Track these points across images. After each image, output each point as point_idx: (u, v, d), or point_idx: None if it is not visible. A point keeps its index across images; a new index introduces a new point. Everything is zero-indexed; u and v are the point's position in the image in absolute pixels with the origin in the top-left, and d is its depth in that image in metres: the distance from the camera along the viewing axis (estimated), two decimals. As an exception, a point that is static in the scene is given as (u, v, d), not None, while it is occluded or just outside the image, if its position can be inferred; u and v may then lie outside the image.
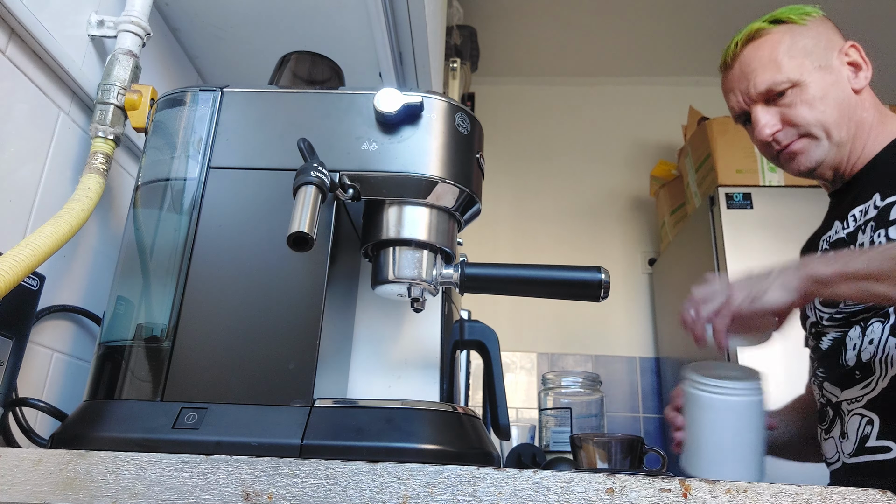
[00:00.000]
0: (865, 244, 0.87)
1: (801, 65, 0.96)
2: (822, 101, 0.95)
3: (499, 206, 2.65)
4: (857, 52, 0.99)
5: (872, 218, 0.88)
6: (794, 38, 0.98)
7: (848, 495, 0.43)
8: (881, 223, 0.85)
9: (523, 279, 0.69)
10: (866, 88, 0.98)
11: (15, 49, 0.71)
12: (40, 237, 0.60)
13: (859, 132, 0.96)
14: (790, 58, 0.97)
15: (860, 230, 0.89)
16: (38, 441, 0.70)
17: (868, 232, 0.87)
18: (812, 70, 0.96)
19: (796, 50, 0.97)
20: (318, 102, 0.68)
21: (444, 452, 0.54)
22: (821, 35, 0.99)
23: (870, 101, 0.98)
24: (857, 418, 0.88)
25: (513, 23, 2.60)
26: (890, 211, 0.84)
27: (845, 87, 0.96)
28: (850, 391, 0.89)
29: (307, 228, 0.54)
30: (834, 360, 0.92)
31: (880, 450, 0.83)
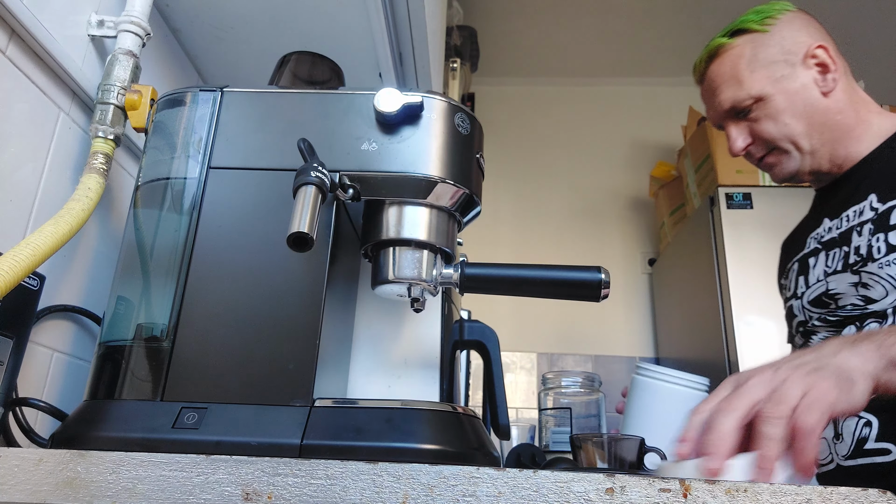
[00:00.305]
0: (861, 246, 0.86)
1: (763, 78, 0.95)
2: (788, 114, 0.94)
3: (499, 206, 2.65)
4: (825, 52, 0.95)
5: (870, 220, 0.87)
6: (756, 49, 0.97)
7: (848, 495, 0.43)
8: (881, 227, 0.84)
9: (523, 279, 0.69)
10: (840, 87, 0.95)
11: (15, 49, 0.71)
12: (40, 237, 0.60)
13: (837, 134, 0.94)
14: (751, 72, 0.95)
15: (855, 231, 0.88)
16: (38, 441, 0.70)
17: (865, 234, 0.86)
18: (775, 81, 0.95)
19: (757, 63, 0.96)
20: (318, 102, 0.68)
21: (444, 452, 0.54)
22: (785, 40, 0.96)
23: (845, 101, 0.95)
24: (853, 420, 0.87)
25: (513, 23, 2.60)
26: (890, 215, 0.84)
27: (812, 93, 0.94)
28: None
29: (307, 228, 0.54)
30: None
31: (879, 452, 0.83)
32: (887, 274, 0.82)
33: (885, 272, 0.82)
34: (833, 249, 0.91)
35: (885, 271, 0.82)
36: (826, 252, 0.93)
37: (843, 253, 0.90)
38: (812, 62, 0.95)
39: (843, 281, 0.89)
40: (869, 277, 0.85)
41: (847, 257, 0.89)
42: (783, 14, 0.98)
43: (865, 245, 0.85)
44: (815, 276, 0.94)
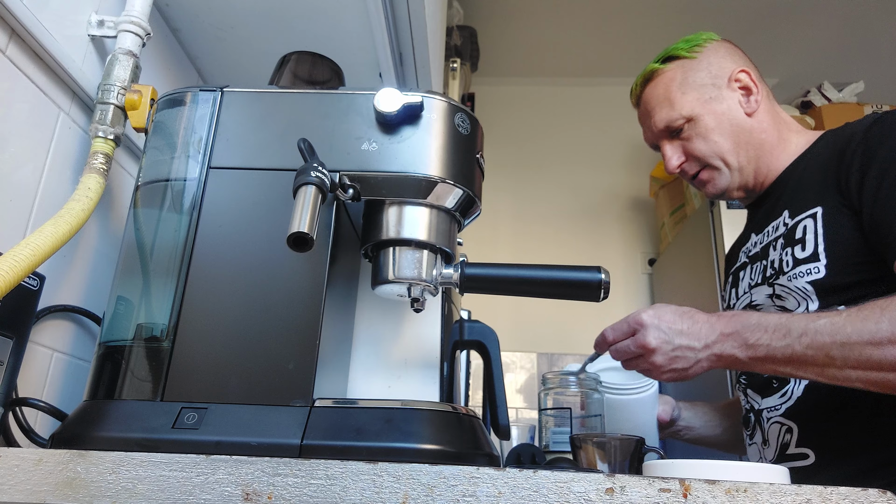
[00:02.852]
0: (775, 260, 0.92)
1: (693, 99, 1.01)
2: (716, 132, 1.00)
3: (499, 206, 2.65)
4: (748, 76, 1.01)
5: (782, 234, 0.92)
6: (686, 73, 1.03)
7: (848, 495, 0.43)
8: (789, 242, 0.90)
9: (523, 279, 0.69)
10: (763, 108, 1.01)
11: (15, 49, 0.71)
12: (40, 237, 0.60)
13: (761, 152, 1.00)
14: (682, 94, 1.02)
15: (771, 245, 0.94)
16: (38, 441, 0.70)
17: (778, 249, 0.92)
18: (704, 103, 1.01)
19: (687, 85, 1.03)
20: (318, 102, 0.68)
21: (443, 452, 0.54)
22: (711, 65, 1.03)
23: (768, 121, 1.01)
24: (776, 426, 0.91)
25: (513, 23, 2.60)
26: (795, 230, 0.90)
27: (738, 113, 1.00)
28: (770, 399, 0.92)
29: (307, 228, 0.54)
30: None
31: (799, 457, 0.87)
32: (795, 286, 0.88)
33: (794, 284, 0.88)
34: (756, 263, 0.98)
35: (794, 283, 0.88)
36: (751, 265, 0.99)
37: (762, 266, 0.96)
38: (736, 85, 1.02)
39: (762, 293, 0.95)
40: (781, 290, 0.90)
41: (765, 270, 0.95)
42: (709, 43, 1.05)
43: (778, 259, 0.91)
44: (742, 288, 1.01)
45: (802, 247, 0.87)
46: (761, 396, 0.94)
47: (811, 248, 0.86)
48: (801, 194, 0.92)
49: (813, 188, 0.90)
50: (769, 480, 0.50)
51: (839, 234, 0.84)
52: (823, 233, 0.86)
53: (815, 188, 0.90)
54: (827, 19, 2.43)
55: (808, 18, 2.43)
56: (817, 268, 0.85)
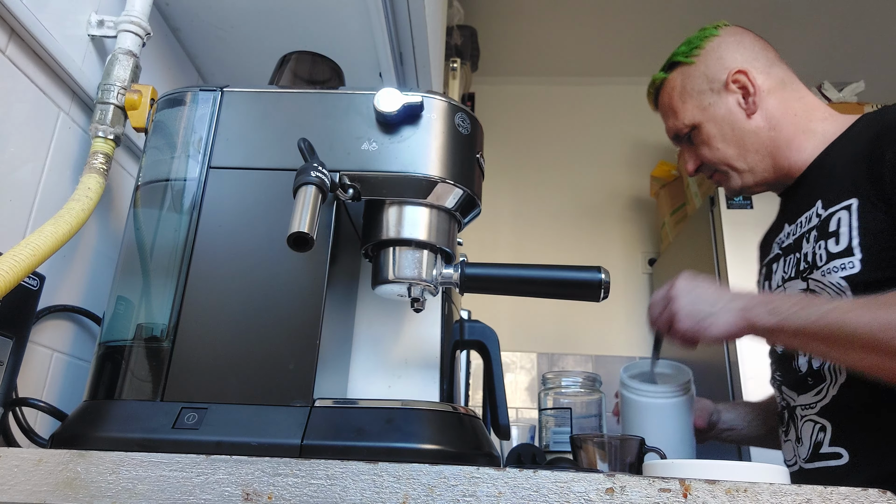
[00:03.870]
0: (809, 253, 0.89)
1: (693, 107, 1.02)
2: (719, 139, 1.00)
3: (499, 206, 2.65)
4: (745, 76, 0.99)
5: (815, 227, 0.89)
6: (685, 80, 1.04)
7: (848, 495, 0.43)
8: (823, 235, 0.87)
9: (523, 279, 0.69)
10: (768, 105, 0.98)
11: (15, 49, 0.71)
12: (40, 237, 0.60)
13: (773, 149, 0.98)
14: (683, 102, 1.03)
15: (804, 238, 0.91)
16: (38, 441, 0.70)
17: (811, 241, 0.89)
18: (703, 110, 1.01)
19: (687, 94, 1.03)
20: (318, 102, 0.68)
21: (444, 452, 0.54)
22: (709, 68, 1.02)
23: (778, 116, 0.98)
24: (810, 424, 0.89)
25: (513, 23, 2.60)
26: (829, 223, 0.86)
27: (738, 116, 0.99)
28: (804, 397, 0.90)
29: (307, 228, 0.53)
30: (788, 364, 0.94)
31: (832, 456, 0.85)
32: (829, 281, 0.85)
33: (828, 280, 0.85)
34: (789, 255, 0.95)
35: (828, 279, 0.85)
36: (784, 258, 0.96)
37: (796, 259, 0.93)
38: (735, 86, 0.99)
39: (795, 287, 0.92)
40: (815, 284, 0.87)
41: (798, 264, 0.92)
42: (710, 41, 1.03)
43: (812, 252, 0.88)
44: (776, 281, 0.98)
45: (836, 240, 0.84)
46: (797, 393, 0.92)
47: (846, 242, 0.83)
48: (835, 184, 0.87)
49: (847, 178, 0.85)
50: (769, 480, 0.50)
51: (875, 227, 0.80)
52: (858, 226, 0.82)
53: (849, 178, 0.85)
54: (827, 19, 2.42)
55: (808, 18, 2.43)
56: (852, 262, 0.81)
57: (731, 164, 1.00)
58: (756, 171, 1.00)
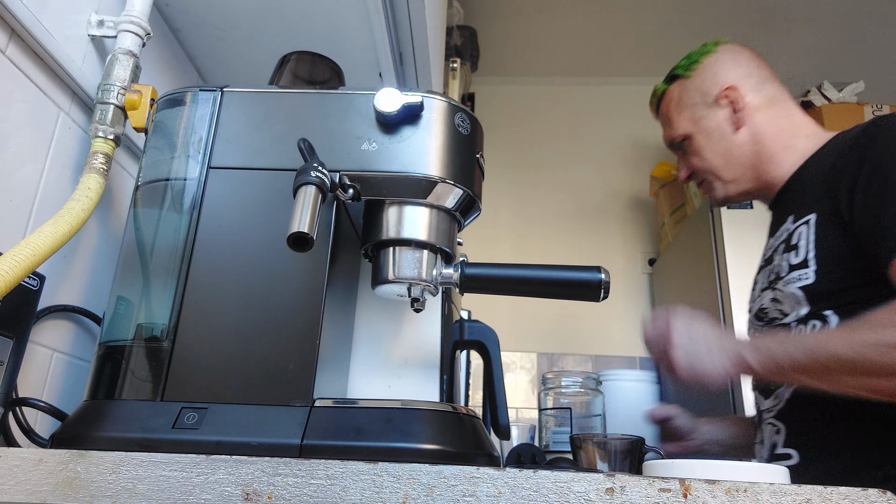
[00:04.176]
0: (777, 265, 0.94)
1: (686, 119, 1.09)
2: (707, 150, 1.07)
3: (499, 206, 2.65)
4: (735, 92, 1.04)
5: (784, 240, 0.94)
6: (682, 93, 1.10)
7: (848, 495, 0.43)
8: (787, 247, 0.92)
9: (523, 279, 0.69)
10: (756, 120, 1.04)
11: (15, 49, 0.71)
12: (40, 237, 0.60)
13: (757, 161, 1.03)
14: (678, 113, 1.10)
15: (776, 251, 0.96)
16: (38, 441, 0.70)
17: (780, 253, 0.94)
18: (695, 122, 1.07)
19: (683, 105, 1.10)
20: (318, 102, 0.68)
21: (444, 452, 0.54)
22: (704, 83, 1.08)
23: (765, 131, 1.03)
24: (770, 427, 0.94)
25: (513, 23, 2.60)
26: (792, 236, 0.91)
27: (726, 130, 1.05)
28: (768, 401, 0.96)
29: (307, 228, 0.53)
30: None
31: (784, 457, 0.90)
32: (789, 291, 0.90)
33: (788, 289, 0.90)
34: (767, 267, 1.00)
35: (787, 289, 0.90)
36: (763, 269, 1.02)
37: (769, 271, 0.98)
38: (724, 101, 1.05)
39: (767, 297, 0.97)
40: (779, 294, 0.92)
41: (769, 275, 0.97)
42: (707, 57, 1.09)
43: (778, 264, 0.94)
44: (757, 292, 1.04)
45: (796, 253, 0.90)
46: (764, 398, 0.97)
47: (803, 255, 0.88)
48: (803, 200, 0.92)
49: (812, 194, 0.91)
50: (769, 480, 0.50)
51: (829, 240, 0.85)
52: (815, 239, 0.87)
53: (813, 194, 0.90)
54: (827, 19, 2.42)
55: (808, 18, 2.43)
56: (807, 274, 0.87)
57: (717, 174, 1.06)
58: (740, 181, 1.05)
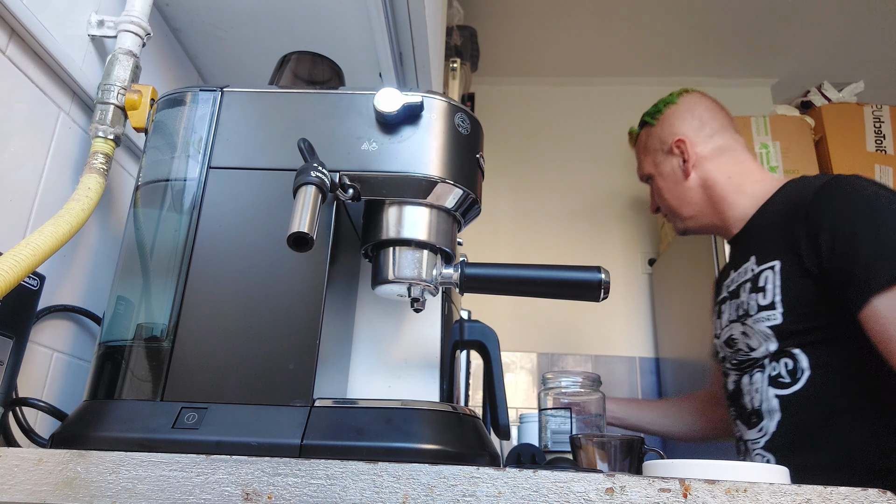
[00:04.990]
0: (744, 302, 1.05)
1: (650, 162, 1.25)
2: (665, 191, 1.22)
3: (499, 206, 2.65)
4: (684, 144, 1.20)
5: (749, 279, 1.05)
6: (648, 138, 1.26)
7: (848, 495, 0.43)
8: (754, 288, 1.03)
9: (523, 279, 0.69)
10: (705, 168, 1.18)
11: (15, 49, 0.71)
12: (40, 237, 0.60)
13: (708, 204, 1.18)
14: (645, 156, 1.27)
15: (742, 287, 1.07)
16: (38, 441, 0.70)
17: (747, 292, 1.05)
18: (657, 165, 1.23)
19: (647, 149, 1.26)
20: (318, 102, 0.68)
21: (443, 452, 0.54)
22: (663, 131, 1.23)
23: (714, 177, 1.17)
24: (759, 457, 1.00)
25: (513, 23, 2.60)
26: (759, 278, 1.02)
27: (679, 176, 1.20)
28: (751, 432, 1.03)
29: (307, 228, 0.53)
30: (738, 401, 1.07)
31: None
32: (758, 328, 1.00)
33: (757, 327, 1.01)
34: (733, 300, 1.10)
35: (757, 326, 1.01)
36: (730, 301, 1.11)
37: (736, 305, 1.08)
38: (676, 151, 1.20)
39: (736, 329, 1.07)
40: (748, 329, 1.03)
41: (738, 309, 1.07)
42: (669, 108, 1.24)
43: (746, 302, 1.04)
44: (724, 322, 1.13)
45: (764, 295, 1.00)
46: (746, 428, 1.04)
47: (770, 298, 0.99)
48: (764, 244, 1.04)
49: (773, 241, 1.01)
50: (769, 480, 0.50)
51: (794, 286, 0.96)
52: (780, 285, 0.98)
53: (774, 241, 1.01)
54: (827, 19, 2.42)
55: (808, 18, 2.43)
56: (775, 315, 0.98)
57: (674, 212, 1.23)
58: (696, 219, 1.20)
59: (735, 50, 2.64)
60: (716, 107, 1.23)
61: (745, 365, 1.04)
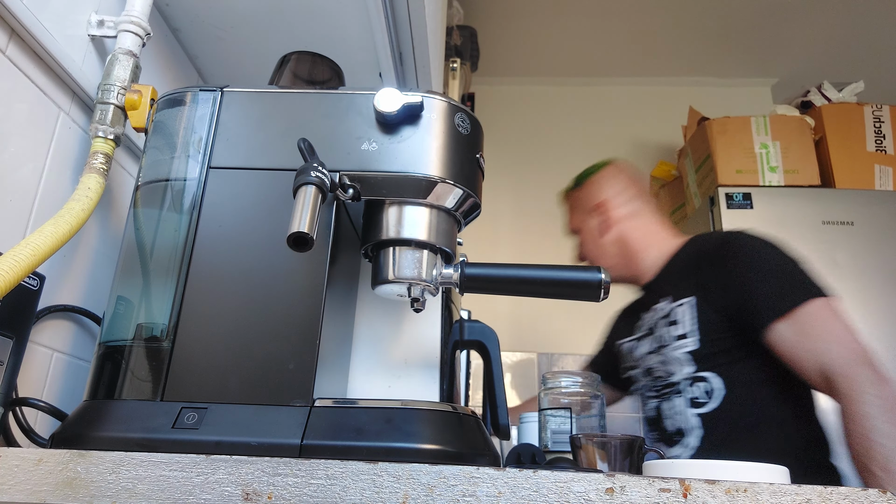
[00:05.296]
0: (661, 336, 1.24)
1: (577, 218, 1.46)
2: (586, 244, 1.42)
3: (499, 206, 2.65)
4: (603, 207, 1.39)
5: (663, 317, 1.25)
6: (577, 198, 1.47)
7: (848, 495, 0.43)
8: (669, 323, 1.23)
9: (523, 279, 0.69)
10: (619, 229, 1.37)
11: (15, 49, 0.71)
12: (40, 237, 0.60)
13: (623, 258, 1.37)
14: (573, 213, 1.47)
15: (657, 324, 1.27)
16: (38, 441, 0.70)
17: (662, 327, 1.24)
18: (582, 221, 1.44)
19: (576, 207, 1.47)
20: (318, 102, 0.68)
21: (443, 452, 0.54)
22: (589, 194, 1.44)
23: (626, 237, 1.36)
24: None
25: (513, 23, 2.60)
26: (672, 314, 1.22)
27: (596, 234, 1.40)
28: (674, 450, 1.17)
29: (307, 228, 0.53)
30: (659, 425, 1.23)
31: None
32: (675, 356, 1.19)
33: (674, 354, 1.19)
34: (650, 336, 1.29)
35: (674, 354, 1.19)
36: (648, 337, 1.30)
37: (652, 339, 1.28)
38: (597, 212, 1.40)
39: (654, 360, 1.25)
40: (666, 357, 1.21)
41: (654, 342, 1.27)
42: (596, 174, 1.45)
43: (662, 335, 1.24)
44: (641, 353, 1.31)
45: (678, 327, 1.20)
46: (668, 447, 1.19)
47: (686, 328, 1.18)
48: (677, 286, 1.24)
49: (685, 283, 1.22)
50: (769, 480, 0.50)
51: (705, 317, 1.17)
52: (696, 316, 1.18)
53: (686, 283, 1.22)
54: (827, 19, 2.42)
55: (809, 18, 2.43)
56: (691, 343, 1.17)
57: (593, 262, 1.41)
58: (613, 270, 1.38)
59: (735, 50, 2.64)
60: (634, 176, 1.46)
61: (665, 391, 1.22)
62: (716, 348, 1.15)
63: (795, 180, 2.07)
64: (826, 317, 1.06)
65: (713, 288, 1.17)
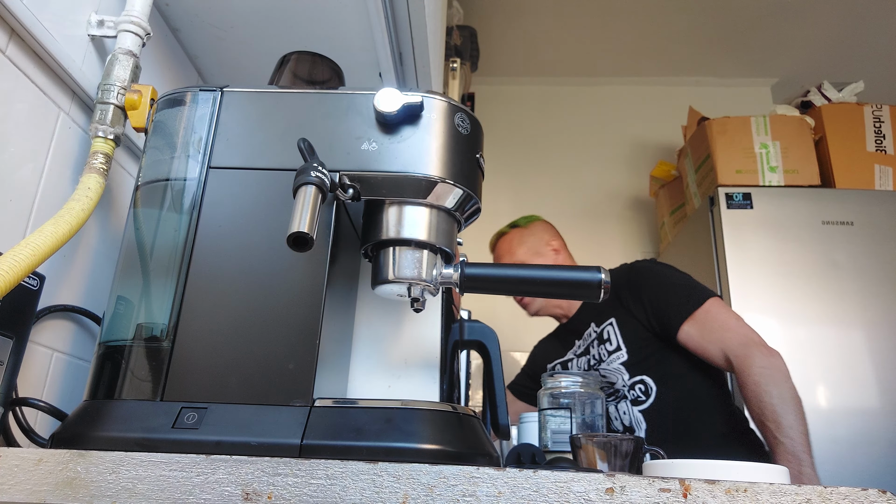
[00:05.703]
0: (595, 355, 1.46)
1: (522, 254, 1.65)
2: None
3: (499, 206, 2.65)
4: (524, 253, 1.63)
5: (595, 338, 1.47)
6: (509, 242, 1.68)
7: (848, 495, 0.43)
8: (601, 342, 1.45)
9: (523, 279, 0.69)
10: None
11: (15, 49, 0.71)
12: (40, 237, 0.60)
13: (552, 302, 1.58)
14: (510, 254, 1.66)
15: (590, 345, 1.48)
16: (38, 441, 0.70)
17: (595, 347, 1.46)
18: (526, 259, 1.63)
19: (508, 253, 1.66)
20: (318, 102, 0.68)
21: (443, 452, 0.54)
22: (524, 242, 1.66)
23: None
24: None
25: (513, 23, 2.60)
26: (602, 334, 1.45)
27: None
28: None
29: (307, 228, 0.53)
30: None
31: None
32: (612, 368, 1.40)
33: (611, 367, 1.41)
34: (581, 358, 1.51)
35: (611, 366, 1.41)
36: (577, 360, 1.52)
37: (587, 359, 1.49)
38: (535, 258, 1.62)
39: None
40: (605, 371, 1.42)
41: (589, 362, 1.48)
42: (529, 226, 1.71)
43: (596, 354, 1.46)
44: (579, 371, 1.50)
45: (610, 343, 1.42)
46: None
47: (615, 344, 1.41)
48: (600, 312, 1.47)
49: (607, 307, 1.45)
50: (769, 480, 0.50)
51: (629, 331, 1.40)
52: (620, 333, 1.41)
53: (608, 307, 1.45)
54: (826, 18, 2.43)
55: (808, 18, 2.43)
56: (622, 354, 1.40)
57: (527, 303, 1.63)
58: (546, 308, 1.61)
59: (735, 50, 2.65)
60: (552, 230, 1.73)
61: (610, 398, 1.42)
62: (642, 355, 1.38)
63: (795, 180, 2.07)
64: (718, 311, 1.31)
65: (631, 307, 1.41)
